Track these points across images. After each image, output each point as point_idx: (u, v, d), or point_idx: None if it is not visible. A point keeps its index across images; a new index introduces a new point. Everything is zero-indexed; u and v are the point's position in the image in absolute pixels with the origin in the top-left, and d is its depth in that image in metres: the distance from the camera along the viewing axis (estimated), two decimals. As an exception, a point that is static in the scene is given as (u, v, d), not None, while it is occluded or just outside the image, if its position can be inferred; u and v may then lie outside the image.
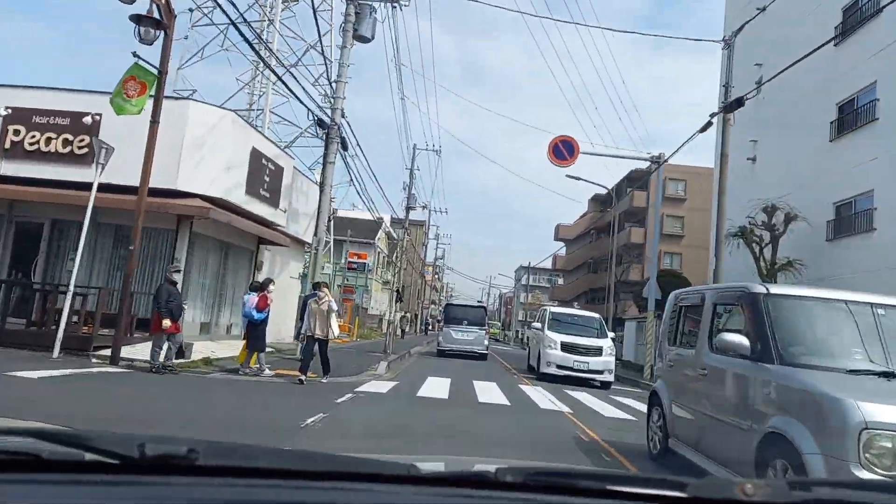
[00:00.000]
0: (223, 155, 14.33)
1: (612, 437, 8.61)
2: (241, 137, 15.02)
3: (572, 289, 62.86)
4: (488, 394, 12.60)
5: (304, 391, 10.42)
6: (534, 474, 1.14)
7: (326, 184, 17.85)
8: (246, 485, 1.02)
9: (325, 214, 17.98)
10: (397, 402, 10.28)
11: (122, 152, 11.75)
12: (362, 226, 42.58)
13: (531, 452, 7.26)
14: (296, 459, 1.20)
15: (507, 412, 10.41)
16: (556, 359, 16.30)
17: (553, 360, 16.32)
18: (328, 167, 17.92)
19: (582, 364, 16.16)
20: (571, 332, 17.12)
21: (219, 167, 14.22)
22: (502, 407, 10.93)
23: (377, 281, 44.35)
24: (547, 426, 9.50)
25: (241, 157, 15.06)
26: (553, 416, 10.47)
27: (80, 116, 13.60)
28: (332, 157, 17.94)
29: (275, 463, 1.12)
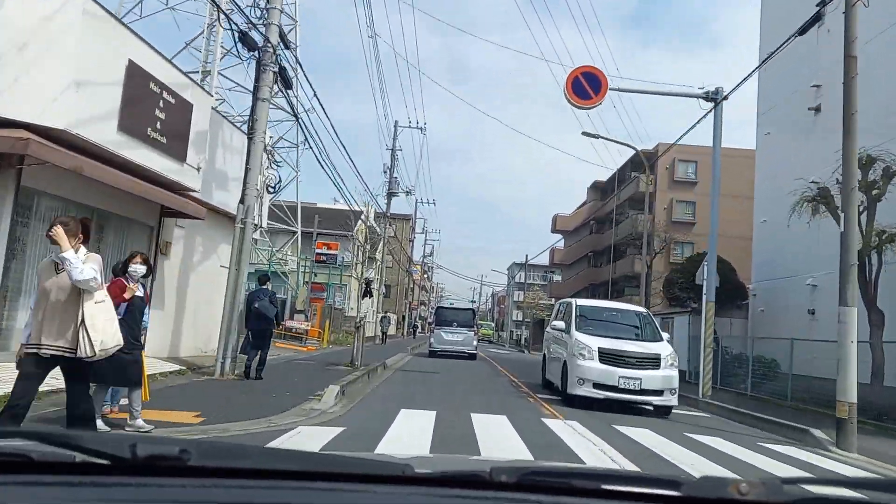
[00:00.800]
0: (71, 65, 9.01)
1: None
2: (106, 40, 9.68)
3: (572, 284, 57.66)
4: (498, 440, 7.45)
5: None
6: (528, 474, 1.12)
7: (258, 129, 12.54)
8: (239, 486, 1.02)
9: (256, 173, 12.65)
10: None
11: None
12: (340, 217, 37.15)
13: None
14: (289, 460, 1.18)
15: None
16: (592, 374, 11.01)
17: (588, 375, 11.04)
18: (259, 106, 12.60)
19: (632, 382, 10.90)
20: (611, 334, 11.87)
21: (62, 84, 8.89)
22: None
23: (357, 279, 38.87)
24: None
25: (109, 72, 9.73)
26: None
27: None
28: (265, 93, 12.63)
29: (268, 463, 1.11)
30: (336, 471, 1.09)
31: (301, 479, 1.05)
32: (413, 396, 11.18)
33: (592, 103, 14.27)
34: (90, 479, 0.99)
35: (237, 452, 1.17)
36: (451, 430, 7.87)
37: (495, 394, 12.80)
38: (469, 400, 11.23)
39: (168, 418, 7.12)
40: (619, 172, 53.01)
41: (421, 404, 9.83)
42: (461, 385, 14.32)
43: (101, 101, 9.58)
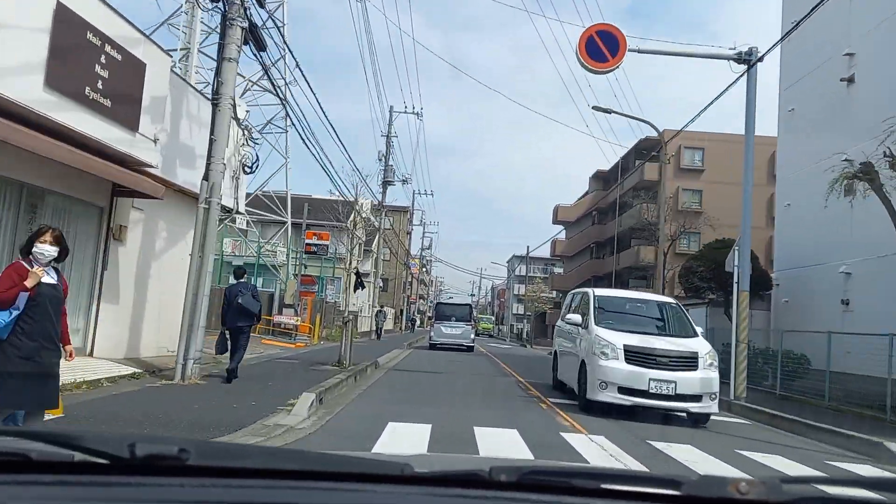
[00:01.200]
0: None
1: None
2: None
3: (574, 276, 55.94)
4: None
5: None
6: (528, 473, 1.12)
7: (224, 94, 10.80)
8: (238, 485, 1.02)
9: (223, 144, 10.91)
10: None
11: None
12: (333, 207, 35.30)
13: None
14: (288, 459, 1.19)
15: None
16: (617, 376, 9.27)
17: (612, 377, 9.29)
18: (225, 66, 10.87)
19: (665, 386, 9.15)
20: (636, 329, 10.13)
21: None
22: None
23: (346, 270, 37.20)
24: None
25: (31, 16, 7.98)
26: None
27: None
28: (231, 52, 10.89)
29: (267, 463, 1.11)
30: (335, 470, 1.10)
31: (300, 478, 1.05)
32: (404, 404, 9.48)
33: (609, 66, 12.49)
34: (89, 478, 1.00)
35: (236, 452, 1.27)
36: (449, 452, 6.18)
37: (501, 399, 11.10)
38: (471, 408, 9.53)
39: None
40: (623, 161, 51.31)
41: (413, 415, 8.11)
42: (461, 388, 12.63)
43: (20, 50, 7.83)
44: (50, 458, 1.02)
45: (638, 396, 9.19)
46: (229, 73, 10.85)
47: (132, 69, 9.97)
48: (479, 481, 1.08)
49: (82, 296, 10.67)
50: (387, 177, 36.20)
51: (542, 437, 7.46)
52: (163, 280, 12.41)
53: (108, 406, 7.31)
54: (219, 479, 1.00)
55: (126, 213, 11.42)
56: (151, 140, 10.62)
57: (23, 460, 1.00)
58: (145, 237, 12.08)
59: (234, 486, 1.00)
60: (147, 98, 10.38)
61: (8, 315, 4.40)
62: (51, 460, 1.02)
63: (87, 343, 10.79)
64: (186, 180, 12.46)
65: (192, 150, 12.70)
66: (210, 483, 1.00)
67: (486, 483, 1.08)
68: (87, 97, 8.96)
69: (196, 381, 10.17)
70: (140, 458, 1.00)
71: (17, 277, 4.43)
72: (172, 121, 11.81)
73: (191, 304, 10.40)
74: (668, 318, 10.81)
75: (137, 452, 0.99)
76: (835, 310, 17.90)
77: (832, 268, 18.28)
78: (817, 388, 14.84)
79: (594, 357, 9.67)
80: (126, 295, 11.56)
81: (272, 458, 1.22)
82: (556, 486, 1.09)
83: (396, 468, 1.10)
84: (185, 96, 12.31)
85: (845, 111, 17.84)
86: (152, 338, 12.27)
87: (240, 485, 1.00)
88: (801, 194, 19.99)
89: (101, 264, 10.90)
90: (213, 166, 10.71)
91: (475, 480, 1.09)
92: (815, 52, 19.40)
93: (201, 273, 10.49)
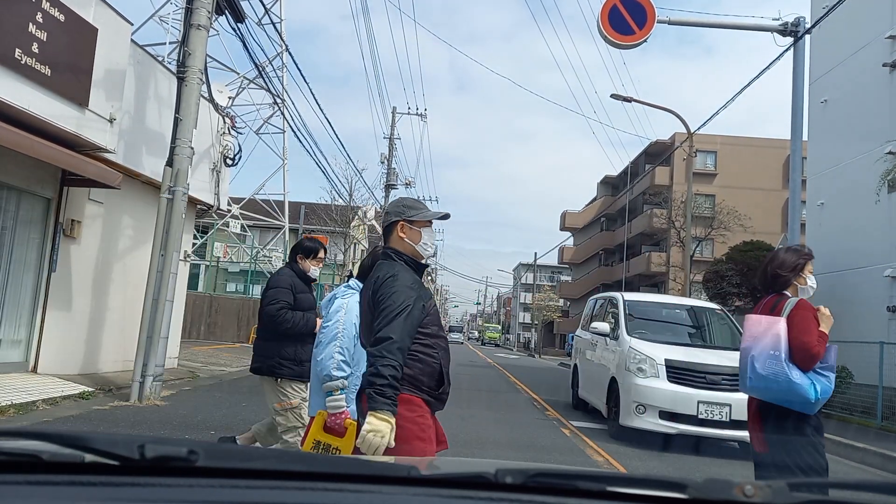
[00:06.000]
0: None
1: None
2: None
3: (583, 284, 54.28)
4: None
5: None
6: (534, 475, 1.10)
7: (191, 67, 9.29)
8: (246, 486, 1.01)
9: (190, 126, 9.35)
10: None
11: None
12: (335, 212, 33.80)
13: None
14: (296, 461, 1.19)
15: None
16: (658, 398, 7.61)
17: (652, 399, 7.65)
18: (193, 35, 9.36)
19: (717, 410, 7.48)
20: (677, 341, 8.51)
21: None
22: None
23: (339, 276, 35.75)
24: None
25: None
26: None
27: None
28: (200, 17, 9.38)
29: (275, 464, 1.10)
30: (342, 472, 1.09)
31: (307, 479, 1.05)
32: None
33: (636, 39, 10.92)
34: (99, 479, 1.00)
35: (245, 454, 1.27)
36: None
37: (517, 424, 9.43)
38: (482, 436, 7.90)
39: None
40: (632, 166, 49.82)
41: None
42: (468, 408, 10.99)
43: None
44: (61, 459, 1.02)
45: (684, 423, 7.53)
46: (198, 42, 9.34)
47: (79, 34, 8.44)
48: (485, 483, 1.08)
49: (24, 302, 9.09)
50: (389, 180, 34.70)
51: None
52: (128, 285, 10.84)
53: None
54: (227, 480, 1.01)
55: (81, 207, 9.86)
56: (106, 119, 9.07)
57: (34, 461, 1.01)
58: (106, 235, 10.51)
59: (241, 486, 1.01)
60: (100, 69, 8.84)
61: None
62: (62, 461, 1.02)
63: (31, 357, 9.21)
64: (155, 171, 10.85)
65: (162, 136, 11.10)
66: (219, 484, 1.00)
67: (492, 485, 1.07)
68: (17, 61, 7.42)
69: (155, 402, 8.62)
70: (149, 460, 1.00)
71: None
72: (137, 102, 10.30)
73: (150, 310, 8.85)
74: (713, 327, 9.16)
75: (147, 454, 1.00)
76: (879, 317, 16.25)
77: (875, 271, 16.64)
78: (862, 404, 13.26)
79: (628, 374, 8.03)
80: (81, 301, 9.99)
81: (280, 459, 1.21)
82: (562, 489, 1.08)
83: (403, 470, 1.16)
84: (154, 74, 10.76)
85: (890, 98, 16.25)
86: (114, 351, 10.68)
87: (248, 486, 1.01)
88: (835, 192, 18.44)
89: (49, 265, 9.34)
90: (179, 150, 9.18)
91: (481, 482, 1.09)
92: (850, 38, 17.86)
93: (164, 274, 8.95)
